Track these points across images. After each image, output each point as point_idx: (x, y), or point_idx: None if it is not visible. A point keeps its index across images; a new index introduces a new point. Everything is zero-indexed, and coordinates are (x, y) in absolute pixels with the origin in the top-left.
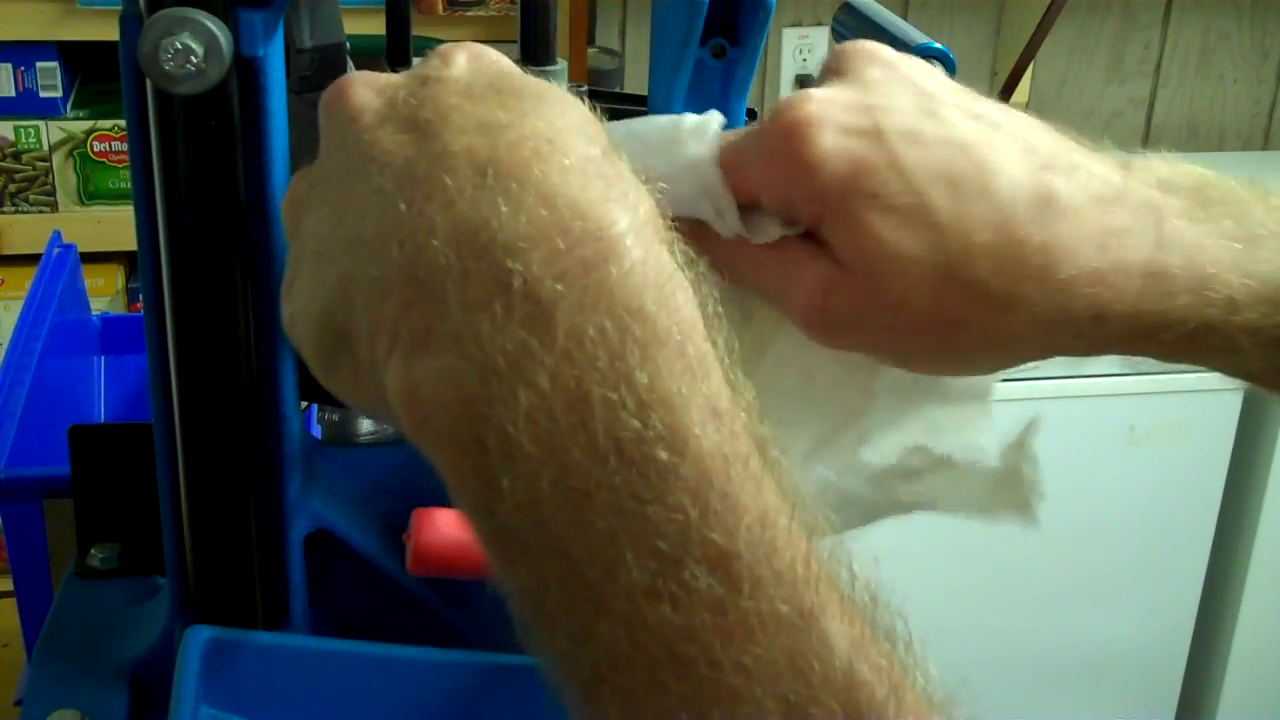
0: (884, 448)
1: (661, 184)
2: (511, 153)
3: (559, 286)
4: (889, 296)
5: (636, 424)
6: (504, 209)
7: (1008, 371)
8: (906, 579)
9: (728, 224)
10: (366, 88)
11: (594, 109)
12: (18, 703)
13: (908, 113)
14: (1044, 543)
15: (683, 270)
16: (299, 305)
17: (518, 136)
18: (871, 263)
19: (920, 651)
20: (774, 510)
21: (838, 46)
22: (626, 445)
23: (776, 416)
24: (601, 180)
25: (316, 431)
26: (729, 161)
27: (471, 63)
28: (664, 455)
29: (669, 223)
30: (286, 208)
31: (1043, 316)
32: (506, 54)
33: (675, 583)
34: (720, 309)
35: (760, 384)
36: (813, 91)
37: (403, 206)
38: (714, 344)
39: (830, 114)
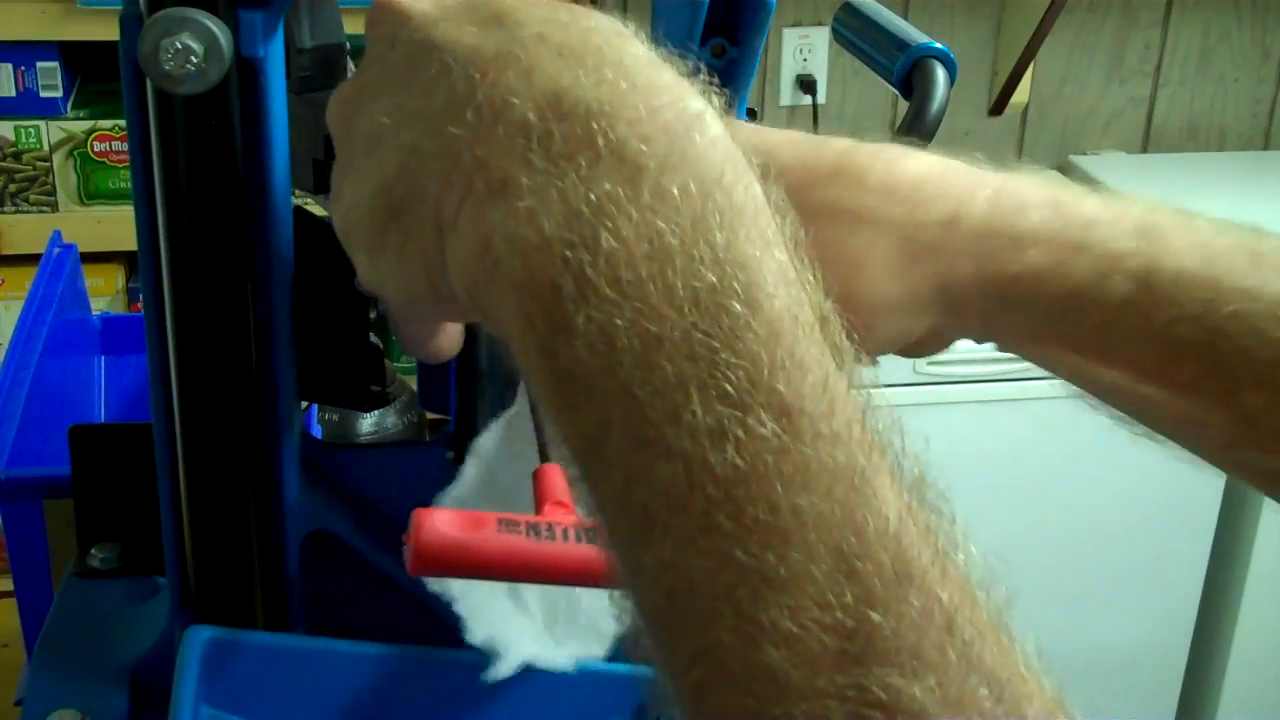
0: None
1: None
2: (585, 39)
3: (644, 148)
4: None
5: (713, 278)
6: (584, 79)
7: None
8: None
9: None
10: None
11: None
12: (18, 703)
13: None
14: (1044, 543)
15: (749, 157)
16: (350, 200)
17: (587, 27)
18: None
19: (964, 529)
20: (834, 376)
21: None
22: (702, 296)
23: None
24: (672, 70)
25: (316, 431)
26: None
27: None
28: (738, 308)
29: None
30: (334, 110)
31: (889, 224)
32: None
33: (740, 426)
34: (781, 198)
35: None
36: None
37: (477, 76)
38: (780, 226)
39: None
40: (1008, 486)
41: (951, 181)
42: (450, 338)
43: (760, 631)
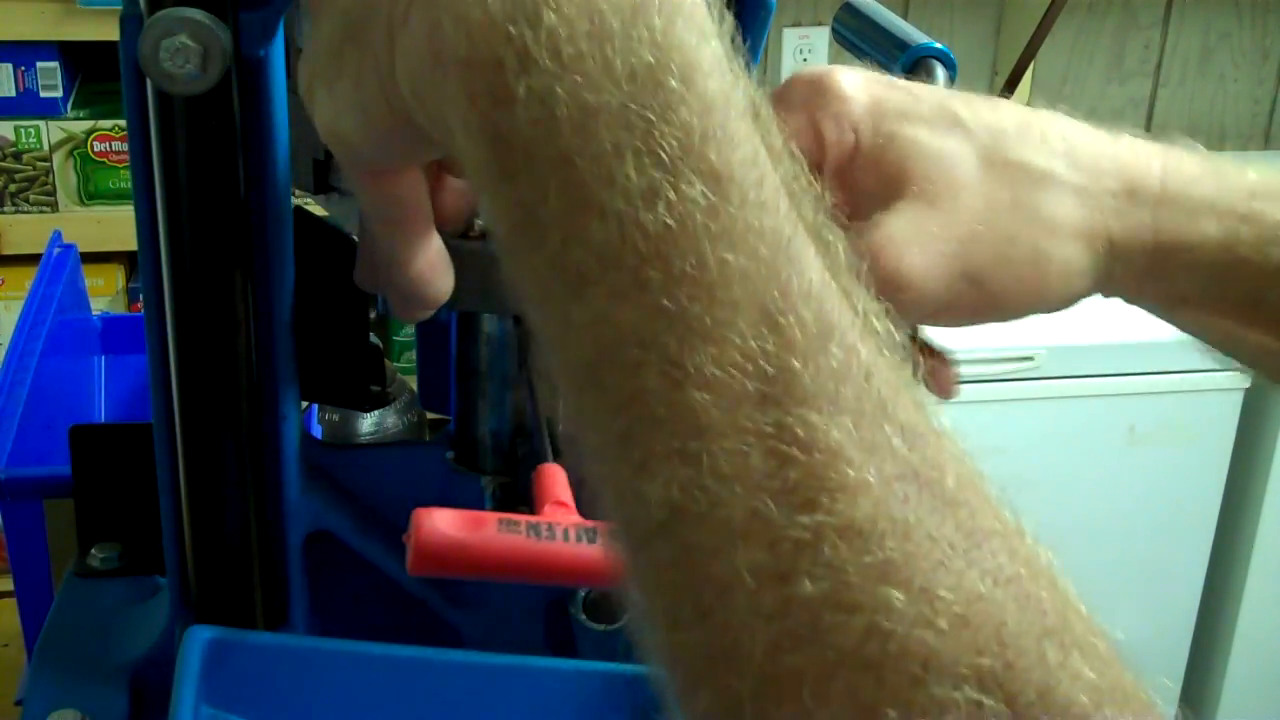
0: None
1: None
2: None
3: None
4: (945, 195)
5: (650, 58)
6: None
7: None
8: None
9: None
10: None
11: None
12: (18, 703)
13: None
14: (1044, 542)
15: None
16: (310, 50)
17: None
18: (920, 166)
19: (879, 308)
20: (763, 155)
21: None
22: (639, 71)
23: None
24: None
25: (317, 431)
26: None
27: None
28: (674, 84)
29: None
30: None
31: (1075, 190)
32: None
33: (671, 189)
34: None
35: None
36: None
37: None
38: (716, 20)
39: (843, 69)
40: (1008, 486)
41: (1123, 153)
42: (435, 267)
43: (685, 375)
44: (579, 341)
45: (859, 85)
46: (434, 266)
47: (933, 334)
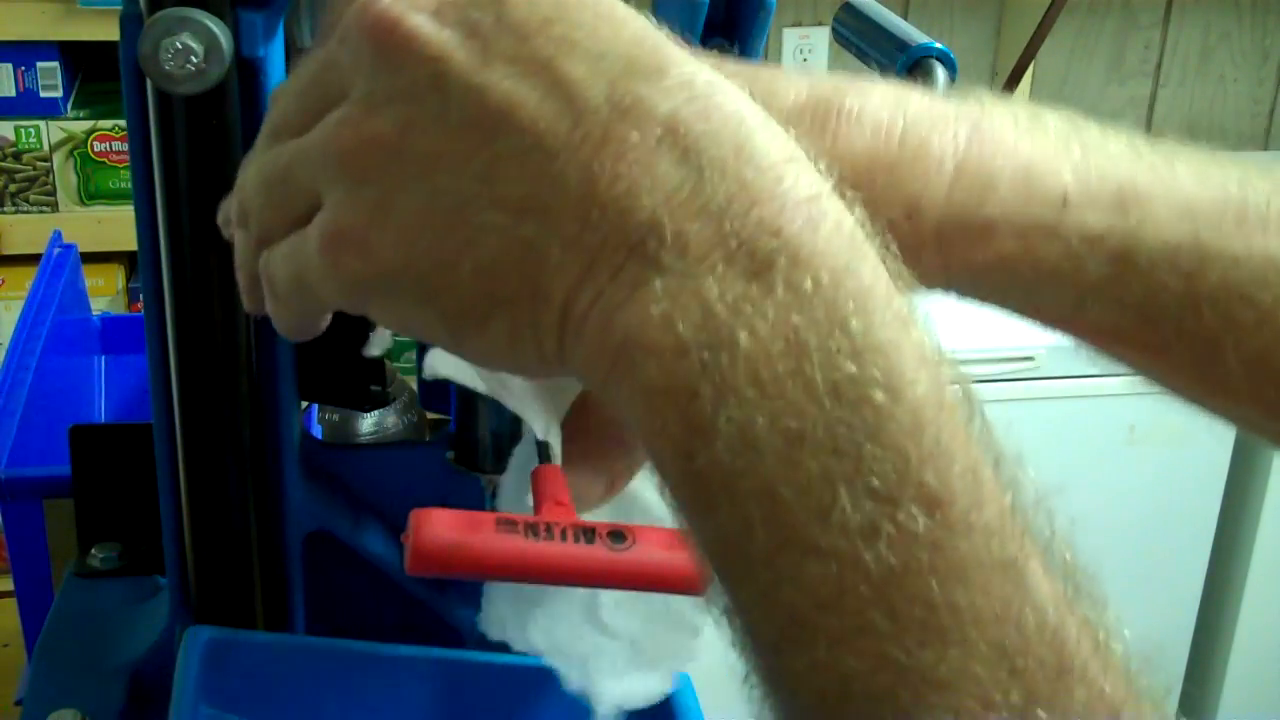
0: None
1: None
2: (690, 107)
3: (775, 242)
4: None
5: (853, 368)
6: (707, 168)
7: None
8: None
9: None
10: (418, 13)
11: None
12: (18, 702)
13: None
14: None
15: (865, 229)
16: (396, 262)
17: (687, 94)
18: None
19: (1117, 615)
20: (979, 461)
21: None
22: (843, 387)
23: None
24: (778, 134)
25: (317, 431)
26: None
27: None
28: (880, 397)
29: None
30: (357, 148)
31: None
32: None
33: (891, 522)
34: (901, 270)
35: None
36: None
37: (595, 168)
38: (908, 301)
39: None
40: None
41: (913, 161)
42: (321, 325)
43: None
44: (799, 690)
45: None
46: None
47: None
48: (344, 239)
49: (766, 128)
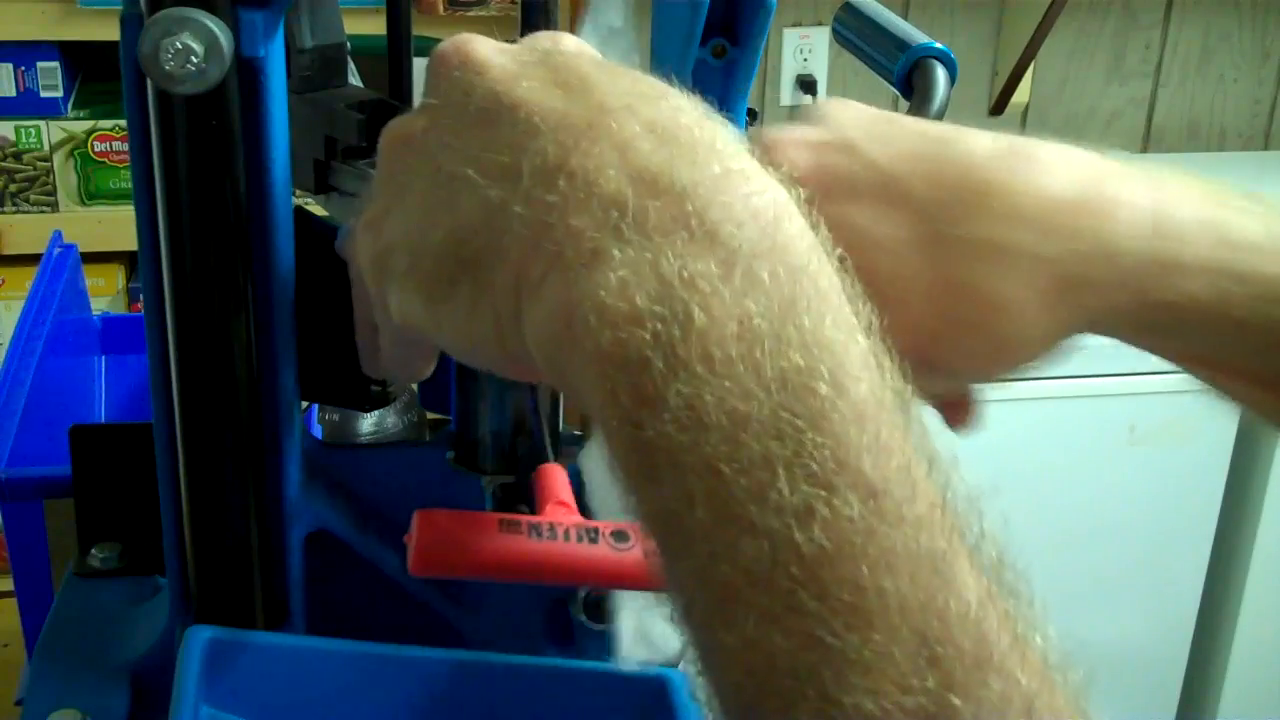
0: None
1: None
2: (674, 118)
3: (736, 231)
4: (885, 289)
5: (800, 360)
6: (679, 159)
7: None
8: None
9: None
10: (488, 45)
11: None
12: (18, 702)
13: (870, 121)
14: (1044, 543)
15: (825, 247)
16: (397, 236)
17: (675, 106)
18: (856, 258)
19: (1041, 612)
20: (915, 460)
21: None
22: (790, 376)
23: None
24: (754, 161)
25: (317, 431)
26: None
27: (578, 44)
28: (825, 389)
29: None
30: (393, 142)
31: (1029, 257)
32: None
33: (827, 506)
34: (855, 288)
35: None
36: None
37: (570, 143)
38: (858, 312)
39: (797, 134)
40: (1008, 486)
41: (1104, 204)
42: (430, 362)
43: (842, 713)
44: (728, 665)
45: (803, 151)
46: (430, 362)
47: None
48: (370, 223)
49: (739, 138)
